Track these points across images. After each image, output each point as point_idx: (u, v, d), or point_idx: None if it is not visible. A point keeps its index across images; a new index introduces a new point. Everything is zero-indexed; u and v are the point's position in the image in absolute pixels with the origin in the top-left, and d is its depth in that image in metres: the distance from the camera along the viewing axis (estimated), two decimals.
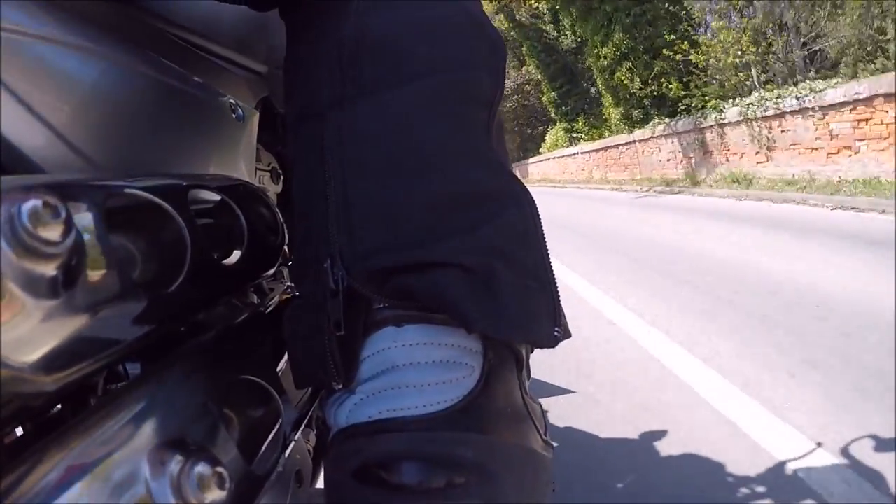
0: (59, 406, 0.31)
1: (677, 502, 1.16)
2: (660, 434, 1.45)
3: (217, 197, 0.42)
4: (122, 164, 0.36)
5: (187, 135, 0.45)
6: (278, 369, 0.43)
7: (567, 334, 0.36)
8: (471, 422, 0.31)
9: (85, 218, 0.23)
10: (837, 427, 1.33)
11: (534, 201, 0.37)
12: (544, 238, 0.37)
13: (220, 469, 0.25)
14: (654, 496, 1.19)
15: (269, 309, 0.46)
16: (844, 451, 1.24)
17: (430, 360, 0.32)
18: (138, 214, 0.30)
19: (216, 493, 0.25)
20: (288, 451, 0.40)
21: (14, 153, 0.28)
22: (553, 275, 0.36)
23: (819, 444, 1.28)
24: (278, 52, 0.47)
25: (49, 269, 0.20)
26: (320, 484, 0.50)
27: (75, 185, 0.25)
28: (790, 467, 1.22)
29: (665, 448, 1.40)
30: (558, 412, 1.60)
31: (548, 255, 0.36)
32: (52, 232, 0.20)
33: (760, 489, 1.17)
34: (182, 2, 0.45)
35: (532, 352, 0.39)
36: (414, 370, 0.32)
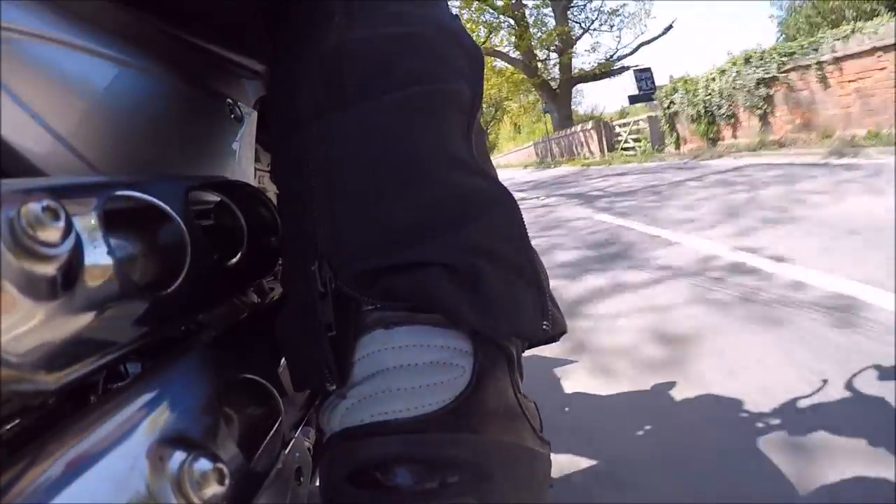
0: (59, 405, 0.31)
1: (694, 443, 1.19)
2: (670, 384, 1.47)
3: (216, 198, 0.42)
4: (121, 165, 0.36)
5: (186, 135, 0.46)
6: (279, 368, 0.44)
7: (559, 328, 0.37)
8: (463, 422, 0.32)
9: (84, 220, 0.24)
10: None
11: (515, 202, 0.38)
12: (528, 236, 0.37)
13: (219, 466, 0.26)
14: (671, 440, 1.22)
15: (270, 308, 0.46)
16: (849, 385, 1.29)
17: (420, 362, 0.32)
18: (137, 216, 0.31)
19: (215, 490, 0.25)
20: (288, 449, 0.40)
21: (13, 155, 0.28)
22: (540, 271, 0.37)
23: (825, 381, 1.32)
24: None
25: (49, 271, 0.20)
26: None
27: (75, 187, 0.25)
28: (801, 403, 1.27)
29: (678, 394, 1.42)
30: (564, 381, 1.62)
31: (533, 252, 0.37)
32: (52, 234, 0.20)
33: (775, 422, 1.21)
34: (181, 1, 0.45)
35: (524, 350, 0.39)
36: (405, 372, 0.32)
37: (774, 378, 1.39)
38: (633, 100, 15.32)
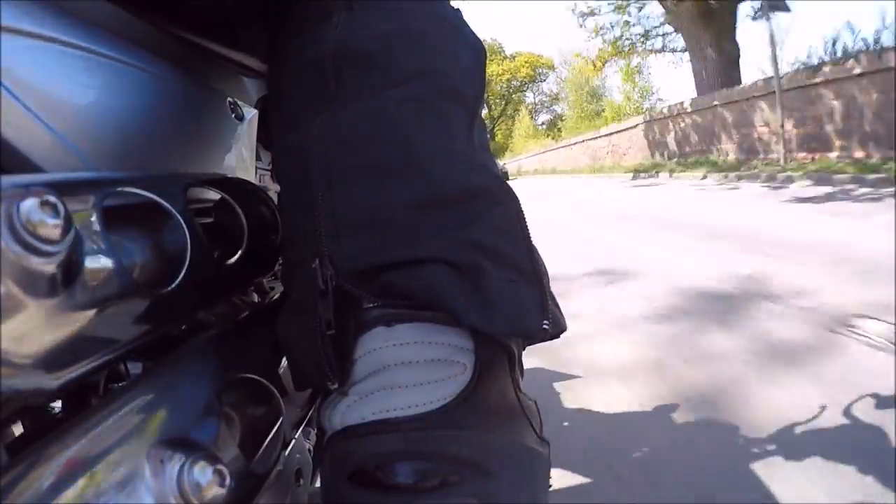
0: (59, 405, 0.31)
1: (692, 465, 1.20)
2: (673, 406, 1.48)
3: (217, 196, 0.42)
4: (122, 163, 0.36)
5: (187, 134, 0.45)
6: (279, 368, 0.43)
7: (559, 327, 0.36)
8: (464, 420, 0.32)
9: (84, 216, 0.23)
10: None
11: (517, 198, 0.37)
12: (529, 234, 0.37)
13: (220, 467, 0.25)
14: (669, 461, 1.22)
15: (270, 307, 0.46)
16: (847, 412, 1.30)
17: (421, 359, 0.32)
18: (138, 213, 0.30)
19: (216, 492, 0.25)
20: (288, 450, 0.40)
21: (13, 153, 0.28)
22: (541, 269, 0.37)
23: (824, 407, 1.33)
24: None
25: (48, 268, 0.20)
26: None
27: (74, 183, 0.25)
28: (798, 428, 1.27)
29: (679, 417, 1.43)
30: (567, 395, 1.63)
31: (534, 250, 0.37)
32: (51, 230, 0.20)
33: (771, 447, 1.21)
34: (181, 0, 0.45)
35: (524, 349, 0.39)
36: (406, 370, 0.32)
37: None
38: None
